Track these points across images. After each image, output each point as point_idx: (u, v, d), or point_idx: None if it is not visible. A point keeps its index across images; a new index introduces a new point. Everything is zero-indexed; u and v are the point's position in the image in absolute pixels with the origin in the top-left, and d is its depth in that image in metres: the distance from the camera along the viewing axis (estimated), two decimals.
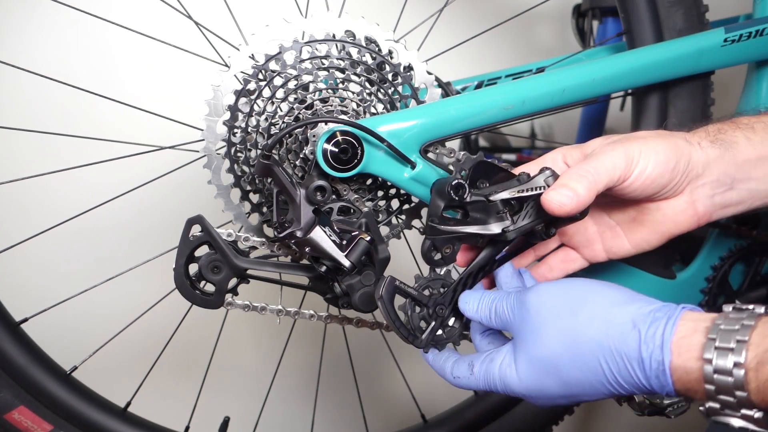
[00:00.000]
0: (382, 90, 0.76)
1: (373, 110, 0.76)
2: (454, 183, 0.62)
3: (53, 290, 0.93)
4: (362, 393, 1.15)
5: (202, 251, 0.76)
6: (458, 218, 0.65)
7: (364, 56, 0.75)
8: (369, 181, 0.77)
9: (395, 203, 0.81)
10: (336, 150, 0.69)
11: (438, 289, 0.68)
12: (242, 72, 0.74)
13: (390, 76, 0.76)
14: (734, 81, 0.93)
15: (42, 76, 0.91)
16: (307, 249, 0.67)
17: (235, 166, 0.76)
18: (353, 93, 0.76)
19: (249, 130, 0.75)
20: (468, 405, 1.03)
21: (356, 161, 0.70)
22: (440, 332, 0.68)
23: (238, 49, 0.74)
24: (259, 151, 0.75)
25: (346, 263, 0.67)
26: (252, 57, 0.74)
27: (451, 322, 0.68)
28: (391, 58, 0.76)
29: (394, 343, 0.89)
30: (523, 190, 0.63)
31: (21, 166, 1.03)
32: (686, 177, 0.63)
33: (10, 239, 0.90)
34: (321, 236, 0.67)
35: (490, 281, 0.71)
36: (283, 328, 1.07)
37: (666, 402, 0.70)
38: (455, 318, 0.68)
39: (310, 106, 0.75)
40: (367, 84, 0.76)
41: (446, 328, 0.68)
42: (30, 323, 0.89)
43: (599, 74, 0.78)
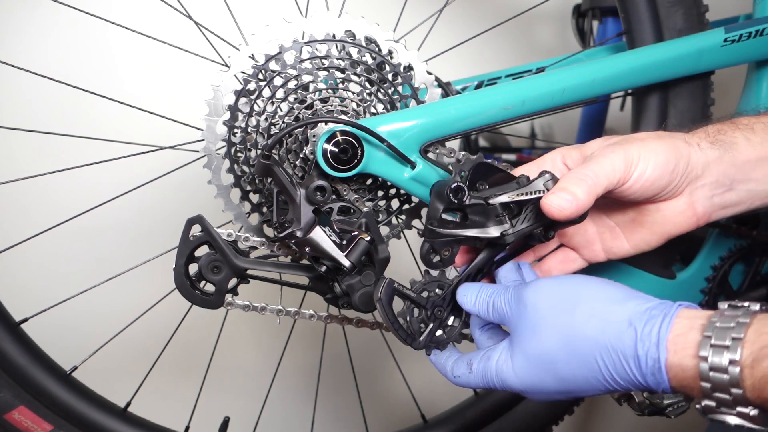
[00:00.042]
0: (382, 90, 0.76)
1: (373, 110, 0.76)
2: (454, 186, 0.62)
3: (53, 290, 0.93)
4: (362, 393, 1.15)
5: (202, 251, 0.76)
6: (457, 221, 0.65)
7: (364, 56, 0.75)
8: (369, 181, 0.77)
9: (395, 203, 0.81)
10: (336, 150, 0.69)
11: (436, 291, 0.68)
12: (242, 72, 0.74)
13: (390, 76, 0.76)
14: (734, 81, 0.93)
15: (42, 76, 0.91)
16: (307, 249, 0.67)
17: (235, 166, 0.76)
18: (353, 93, 0.76)
19: (249, 130, 0.75)
20: (468, 405, 1.03)
21: (356, 161, 0.70)
22: (440, 332, 0.68)
23: (238, 49, 0.74)
24: (259, 151, 0.75)
25: (346, 263, 0.67)
26: (252, 57, 0.74)
27: (450, 323, 0.68)
28: (391, 58, 0.76)
29: (394, 343, 0.89)
30: (523, 194, 0.63)
31: (21, 166, 1.03)
32: (686, 178, 0.63)
33: (10, 239, 0.90)
34: (321, 236, 0.67)
35: (491, 278, 0.71)
36: (283, 328, 1.07)
37: (666, 402, 0.70)
38: (454, 319, 0.68)
39: (310, 106, 0.75)
40: (367, 84, 0.76)
41: (446, 329, 0.68)
42: (30, 323, 0.89)
43: (599, 74, 0.78)
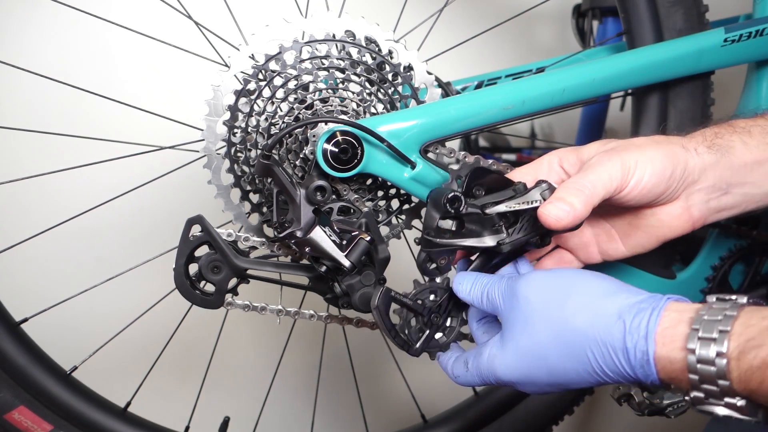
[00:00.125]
0: (382, 90, 0.76)
1: (373, 110, 0.76)
2: (450, 196, 0.63)
3: (53, 290, 0.93)
4: (362, 393, 1.15)
5: (202, 251, 0.76)
6: (453, 230, 0.65)
7: (364, 56, 0.75)
8: (369, 181, 0.77)
9: (395, 203, 0.81)
10: (336, 150, 0.69)
11: (431, 298, 0.68)
12: (242, 72, 0.74)
13: (390, 76, 0.76)
14: (734, 81, 0.93)
15: (42, 76, 0.91)
16: (307, 249, 0.67)
17: (235, 166, 0.76)
18: (353, 93, 0.76)
19: (249, 130, 0.75)
20: (468, 405, 1.03)
21: (356, 161, 0.70)
22: (440, 335, 0.69)
23: (238, 49, 0.74)
24: (259, 151, 0.75)
25: (346, 263, 0.67)
26: (252, 57, 0.74)
27: (448, 324, 0.69)
28: (391, 58, 0.76)
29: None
30: (519, 204, 0.63)
31: (21, 166, 1.03)
32: (682, 184, 0.64)
33: (10, 239, 0.90)
34: (321, 236, 0.67)
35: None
36: (283, 328, 1.07)
37: (666, 402, 0.70)
38: (449, 324, 0.69)
39: (310, 106, 0.75)
40: (367, 84, 0.76)
41: (445, 331, 0.69)
42: (30, 323, 0.89)
43: (599, 74, 0.78)
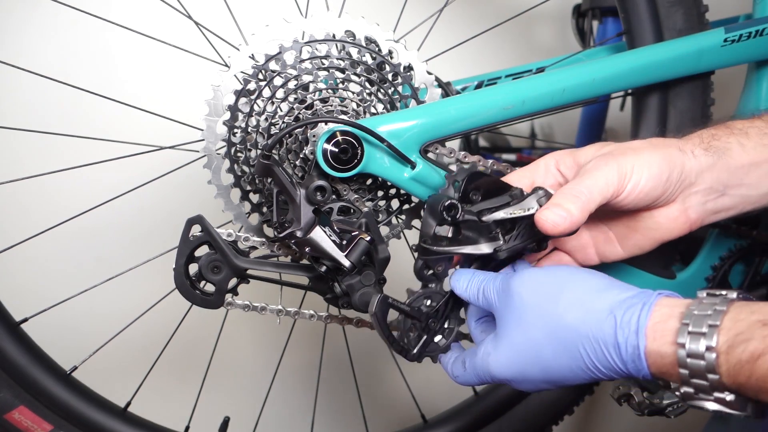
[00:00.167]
0: (382, 90, 0.76)
1: (373, 110, 0.76)
2: (447, 204, 0.63)
3: (53, 290, 0.93)
4: (362, 393, 1.15)
5: (202, 251, 0.76)
6: (450, 237, 0.66)
7: (364, 56, 0.75)
8: (369, 181, 0.77)
9: (395, 203, 0.81)
10: (336, 150, 0.69)
11: (427, 303, 0.69)
12: (242, 72, 0.74)
13: (390, 76, 0.76)
14: (734, 81, 0.93)
15: (42, 76, 0.91)
16: (307, 249, 0.67)
17: (235, 166, 0.76)
18: (353, 93, 0.76)
19: (249, 130, 0.75)
20: (468, 405, 1.03)
21: (356, 161, 0.70)
22: (439, 337, 0.69)
23: (238, 49, 0.74)
24: (259, 151, 0.75)
25: (346, 263, 0.67)
26: (252, 57, 0.74)
27: (439, 337, 0.70)
28: (391, 58, 0.76)
29: None
30: (516, 212, 0.63)
31: (21, 166, 1.03)
32: (679, 186, 0.64)
33: (10, 239, 0.90)
34: (321, 236, 0.67)
35: None
36: (283, 328, 1.07)
37: (666, 402, 0.70)
38: (446, 329, 0.70)
39: (310, 106, 0.75)
40: (367, 84, 0.76)
41: (444, 332, 0.70)
42: (30, 323, 0.89)
43: (599, 74, 0.78)
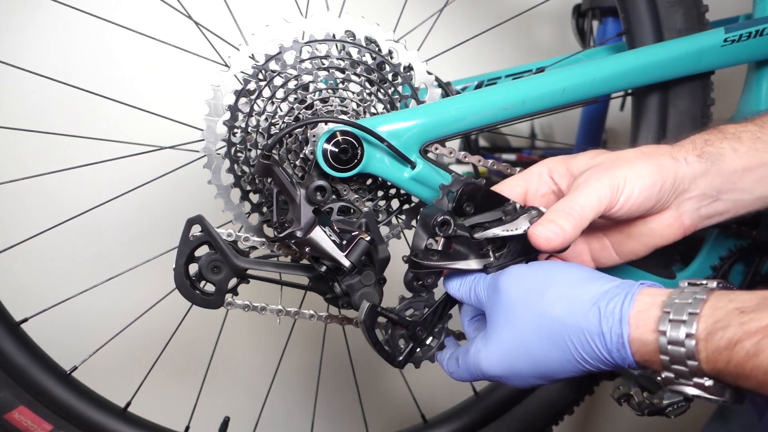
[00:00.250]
0: (382, 90, 0.76)
1: (373, 110, 0.76)
2: (440, 219, 0.64)
3: (53, 290, 0.93)
4: (362, 393, 1.15)
5: (202, 251, 0.76)
6: (440, 250, 0.66)
7: (364, 56, 0.75)
8: (369, 181, 0.77)
9: (395, 203, 0.81)
10: (336, 150, 0.69)
11: (415, 312, 0.71)
12: (242, 72, 0.74)
13: (390, 76, 0.76)
14: (734, 81, 0.93)
15: (43, 77, 0.91)
16: (307, 249, 0.67)
17: (235, 166, 0.76)
18: (353, 93, 0.76)
19: (249, 130, 0.75)
20: (468, 405, 1.03)
21: (356, 161, 0.70)
22: (430, 338, 0.71)
23: (238, 49, 0.74)
24: (259, 151, 0.75)
25: (346, 263, 0.67)
26: (252, 57, 0.74)
27: (429, 341, 0.72)
28: (391, 58, 0.76)
29: None
30: (508, 231, 0.63)
31: (22, 166, 1.03)
32: (673, 194, 0.64)
33: (11, 239, 0.90)
34: (321, 236, 0.67)
35: None
36: (283, 328, 1.07)
37: (666, 402, 0.70)
38: (433, 338, 0.71)
39: (310, 106, 0.75)
40: (367, 84, 0.76)
41: (434, 340, 0.71)
42: (30, 323, 0.89)
43: (599, 74, 0.78)
